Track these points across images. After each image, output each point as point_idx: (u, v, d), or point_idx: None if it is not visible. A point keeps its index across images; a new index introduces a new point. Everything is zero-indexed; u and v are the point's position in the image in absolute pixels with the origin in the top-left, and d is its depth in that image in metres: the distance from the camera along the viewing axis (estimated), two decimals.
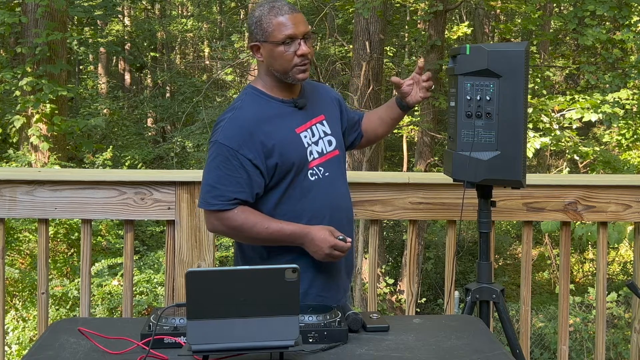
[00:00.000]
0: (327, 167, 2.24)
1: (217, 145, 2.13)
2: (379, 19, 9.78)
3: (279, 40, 2.13)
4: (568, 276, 2.97)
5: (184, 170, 10.74)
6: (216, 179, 2.12)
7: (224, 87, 16.53)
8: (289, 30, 2.13)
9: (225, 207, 2.12)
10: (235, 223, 2.13)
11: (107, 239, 8.53)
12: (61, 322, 1.96)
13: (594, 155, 9.78)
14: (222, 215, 2.13)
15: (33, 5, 9.47)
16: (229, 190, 2.11)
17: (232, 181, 2.11)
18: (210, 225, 2.19)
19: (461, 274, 11.33)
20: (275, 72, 2.18)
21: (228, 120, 2.16)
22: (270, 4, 2.16)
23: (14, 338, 6.30)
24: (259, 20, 2.15)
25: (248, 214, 2.13)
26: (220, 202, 2.12)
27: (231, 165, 2.11)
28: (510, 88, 2.33)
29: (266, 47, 2.15)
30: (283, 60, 2.15)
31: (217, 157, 2.12)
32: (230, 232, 2.19)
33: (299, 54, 2.14)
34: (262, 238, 2.15)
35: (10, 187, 2.77)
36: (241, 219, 2.12)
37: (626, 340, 7.00)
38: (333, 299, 2.27)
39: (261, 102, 2.20)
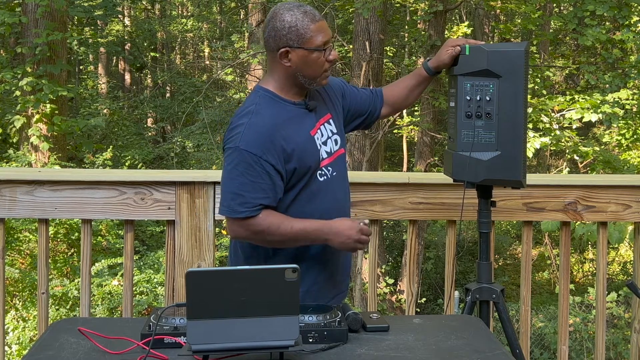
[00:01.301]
0: (334, 167, 2.26)
1: (238, 152, 2.09)
2: (379, 19, 9.78)
3: (317, 46, 2.12)
4: (568, 276, 2.97)
5: (184, 170, 10.74)
6: (240, 186, 2.09)
7: (224, 87, 16.53)
8: (326, 37, 2.13)
9: (252, 214, 2.09)
10: (260, 228, 2.11)
11: (107, 239, 8.53)
12: (61, 322, 1.96)
13: (594, 155, 9.78)
14: (248, 222, 2.10)
15: (33, 5, 9.48)
16: (253, 197, 2.08)
17: (257, 188, 2.08)
18: (234, 233, 2.17)
19: (461, 274, 11.33)
20: (303, 77, 2.16)
21: (247, 126, 2.11)
22: (301, 9, 2.13)
23: (14, 338, 6.30)
24: (293, 26, 2.10)
25: (272, 217, 2.11)
26: (246, 210, 2.09)
27: (255, 172, 2.08)
28: (510, 88, 2.33)
29: (299, 52, 2.12)
30: (316, 66, 2.14)
31: (240, 164, 2.09)
32: (254, 237, 2.15)
33: (330, 60, 2.15)
34: (288, 239, 2.13)
35: (10, 187, 2.77)
36: (267, 223, 2.10)
37: (626, 340, 7.00)
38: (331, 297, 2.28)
39: (276, 106, 2.17)
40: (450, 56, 2.38)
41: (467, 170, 2.36)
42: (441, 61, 2.42)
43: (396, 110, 2.59)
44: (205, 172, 3.04)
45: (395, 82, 2.63)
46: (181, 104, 15.76)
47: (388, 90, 2.54)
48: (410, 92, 2.51)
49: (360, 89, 2.52)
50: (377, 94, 2.50)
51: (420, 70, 2.49)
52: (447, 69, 2.45)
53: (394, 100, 2.51)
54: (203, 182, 2.79)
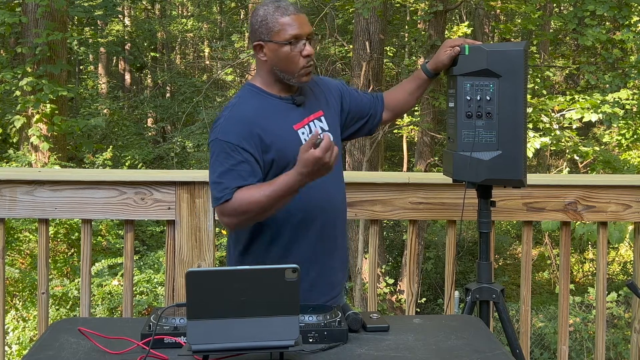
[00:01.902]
0: None
1: (217, 143, 2.13)
2: (379, 19, 9.78)
3: (284, 39, 2.13)
4: (568, 276, 2.97)
5: (184, 170, 10.75)
6: (220, 174, 2.11)
7: (224, 87, 16.54)
8: (295, 30, 2.13)
9: (228, 197, 2.08)
10: (240, 208, 2.09)
11: (107, 239, 8.53)
12: (61, 322, 1.96)
13: (594, 155, 9.78)
14: (228, 207, 2.09)
15: (33, 5, 9.47)
16: (231, 183, 2.09)
17: (235, 174, 2.10)
18: (225, 224, 2.15)
19: (461, 274, 11.33)
20: (279, 72, 2.18)
21: (226, 118, 2.16)
22: (275, 4, 2.15)
23: (14, 338, 6.30)
24: (264, 20, 2.14)
25: (244, 192, 2.09)
26: (223, 194, 2.10)
27: (233, 160, 2.10)
28: (510, 88, 2.33)
29: (270, 46, 2.15)
30: (289, 61, 2.15)
31: (220, 154, 2.12)
32: (244, 218, 2.12)
33: (304, 55, 2.15)
34: (267, 205, 2.08)
35: (10, 187, 2.77)
36: (239, 199, 2.08)
37: (626, 340, 7.00)
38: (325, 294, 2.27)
39: (259, 98, 2.20)
40: (449, 57, 2.38)
41: (468, 170, 2.36)
42: (440, 62, 2.41)
43: (397, 115, 2.59)
44: (205, 172, 3.04)
45: (395, 86, 2.62)
46: (181, 104, 15.76)
47: (388, 95, 2.53)
48: (410, 95, 2.51)
49: (361, 92, 2.52)
50: (377, 98, 2.50)
51: (419, 73, 2.49)
52: (446, 69, 2.45)
53: (394, 105, 2.51)
54: (203, 182, 2.79)
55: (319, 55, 12.49)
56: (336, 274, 2.35)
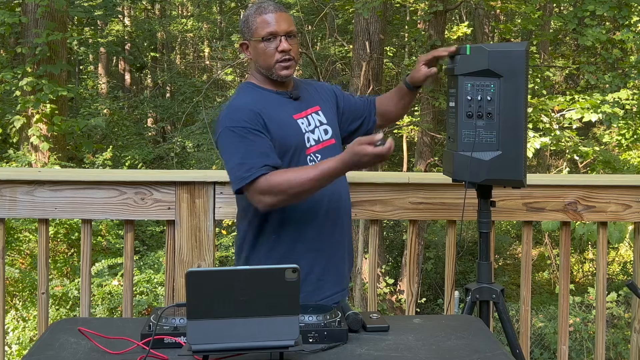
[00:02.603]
0: (324, 155, 2.28)
1: (228, 131, 2.19)
2: (379, 19, 9.78)
3: (261, 36, 2.24)
4: (568, 276, 2.97)
5: (184, 170, 10.74)
6: (241, 157, 2.16)
7: (224, 87, 16.53)
8: (271, 28, 2.24)
9: (260, 173, 2.12)
10: (275, 187, 2.12)
11: (107, 239, 8.53)
12: (61, 322, 1.96)
13: (594, 155, 9.78)
14: (261, 186, 2.12)
15: (33, 5, 9.47)
16: (256, 161, 2.14)
17: (256, 153, 2.15)
18: (261, 204, 2.16)
19: (461, 274, 11.33)
20: (260, 68, 2.29)
21: (229, 109, 2.24)
22: (258, 4, 2.28)
23: (14, 338, 6.30)
24: (246, 20, 2.28)
25: (282, 173, 2.15)
26: (253, 173, 2.13)
27: (248, 141, 2.16)
28: (511, 88, 2.33)
29: (252, 44, 2.28)
30: (265, 56, 2.25)
31: (234, 140, 2.17)
32: (280, 198, 2.14)
33: (279, 50, 2.24)
34: (309, 188, 2.13)
35: (10, 187, 2.77)
36: (277, 180, 2.12)
37: (626, 340, 7.00)
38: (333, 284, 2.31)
39: (256, 92, 2.29)
40: (424, 76, 2.42)
41: (469, 170, 2.36)
42: (416, 79, 2.45)
43: (388, 121, 2.62)
44: (205, 172, 3.05)
45: (385, 94, 2.65)
46: (181, 104, 15.76)
47: (379, 100, 2.58)
48: (395, 106, 2.55)
49: (354, 96, 2.58)
50: (370, 102, 2.55)
51: (401, 85, 2.53)
52: (447, 69, 2.46)
53: (383, 112, 2.55)
54: (203, 182, 2.79)
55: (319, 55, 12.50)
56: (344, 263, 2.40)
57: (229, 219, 5.74)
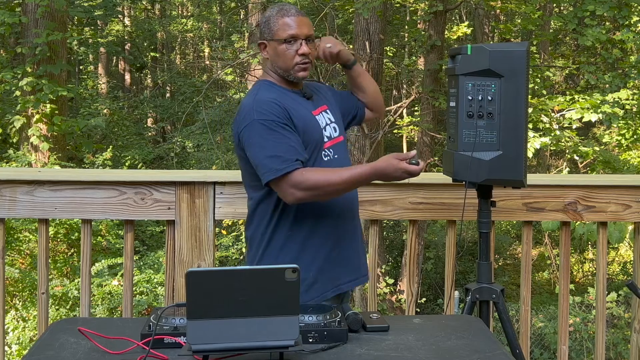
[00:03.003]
0: (336, 150, 2.37)
1: (256, 124, 2.20)
2: (379, 19, 9.77)
3: (282, 38, 2.29)
4: (568, 276, 2.97)
5: (184, 170, 10.74)
6: (272, 149, 2.19)
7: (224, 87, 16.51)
8: (292, 31, 2.29)
9: (293, 168, 2.16)
10: (310, 182, 2.17)
11: (107, 239, 8.53)
12: (61, 322, 1.96)
13: (594, 155, 9.77)
14: (294, 180, 2.17)
15: (33, 5, 9.47)
16: (288, 154, 2.18)
17: (286, 146, 2.19)
18: (291, 196, 2.20)
19: (461, 274, 11.33)
20: (278, 68, 2.34)
21: (255, 103, 2.25)
22: (280, 6, 2.33)
23: (14, 338, 6.30)
24: (268, 20, 2.33)
25: (315, 171, 2.21)
26: (286, 165, 2.17)
27: (278, 134, 2.20)
28: (511, 88, 2.33)
29: (271, 44, 2.32)
30: (285, 58, 2.30)
31: (263, 133, 2.20)
32: (311, 194, 2.20)
33: (299, 53, 2.30)
34: (340, 188, 2.22)
35: (10, 187, 2.78)
36: (313, 177, 2.18)
37: (626, 340, 7.00)
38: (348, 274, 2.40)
39: (275, 90, 2.33)
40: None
41: (469, 170, 2.36)
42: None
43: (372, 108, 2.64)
44: (205, 172, 3.05)
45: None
46: (181, 104, 15.75)
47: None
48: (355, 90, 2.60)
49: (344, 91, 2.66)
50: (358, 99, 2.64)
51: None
52: (448, 69, 2.46)
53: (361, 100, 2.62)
54: (203, 182, 2.79)
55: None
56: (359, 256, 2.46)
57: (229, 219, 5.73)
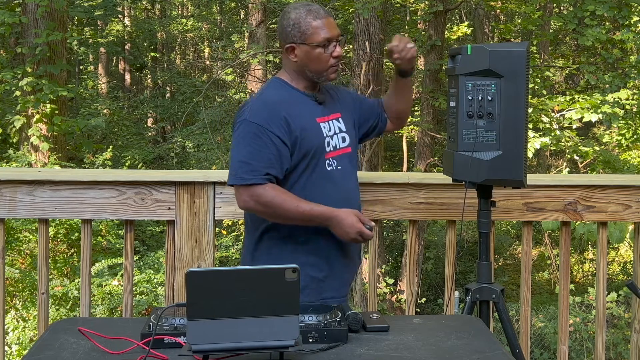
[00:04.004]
0: (340, 161, 2.33)
1: (245, 124, 2.21)
2: (379, 19, 9.77)
3: (318, 42, 2.24)
4: (568, 276, 2.97)
5: (184, 170, 10.75)
6: (248, 155, 2.19)
7: (224, 87, 16.51)
8: (327, 34, 2.25)
9: (259, 182, 2.17)
10: (266, 199, 2.18)
11: (107, 239, 8.53)
12: (61, 322, 1.96)
13: (594, 155, 9.78)
14: (255, 191, 2.18)
15: (33, 5, 9.47)
16: (261, 165, 2.18)
17: (264, 157, 2.18)
18: (242, 202, 2.23)
19: (461, 274, 11.32)
20: (309, 72, 2.29)
21: (254, 102, 2.27)
22: (307, 8, 2.26)
23: (14, 338, 6.30)
24: (297, 23, 2.25)
25: (278, 191, 2.20)
26: (253, 177, 2.18)
27: (261, 142, 2.18)
28: (511, 88, 2.33)
29: (303, 48, 2.26)
30: (320, 61, 2.26)
31: (247, 135, 2.20)
32: (261, 209, 2.22)
33: (334, 56, 2.27)
34: (291, 217, 2.21)
35: (10, 187, 2.77)
36: (271, 195, 2.18)
37: (626, 340, 7.00)
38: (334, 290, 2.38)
39: (285, 89, 2.30)
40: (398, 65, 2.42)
41: (469, 170, 2.36)
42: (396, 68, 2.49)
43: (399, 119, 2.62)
44: (205, 172, 3.05)
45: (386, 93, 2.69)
46: (181, 104, 15.75)
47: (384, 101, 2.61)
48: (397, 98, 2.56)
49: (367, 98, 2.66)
50: (380, 101, 2.60)
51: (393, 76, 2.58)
52: (448, 69, 2.46)
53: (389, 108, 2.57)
54: (203, 182, 2.79)
55: None
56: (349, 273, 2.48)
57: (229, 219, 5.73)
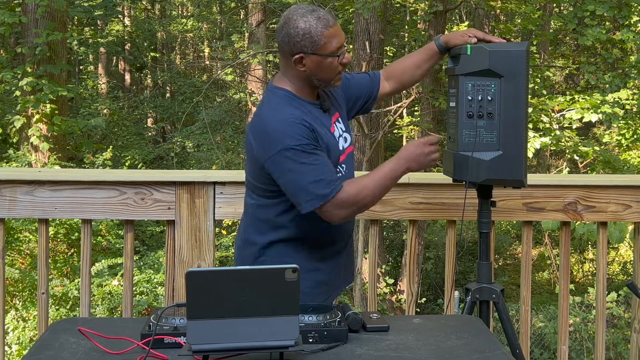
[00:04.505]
0: (347, 163, 2.31)
1: (288, 151, 2.08)
2: (379, 19, 9.77)
3: (331, 52, 2.15)
4: (568, 276, 2.97)
5: (184, 170, 10.75)
6: (313, 174, 2.10)
7: (224, 87, 16.52)
8: (339, 42, 2.16)
9: (338, 189, 2.11)
10: (353, 198, 2.14)
11: (107, 239, 8.53)
12: (61, 322, 1.96)
13: (594, 155, 9.77)
14: (340, 199, 2.11)
15: (33, 5, 9.47)
16: (329, 175, 2.12)
17: (325, 167, 2.12)
18: (337, 217, 2.16)
19: (461, 274, 11.32)
20: (317, 80, 2.19)
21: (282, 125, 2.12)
22: (314, 15, 2.13)
23: (14, 338, 6.30)
24: (307, 33, 2.12)
25: (352, 183, 2.17)
26: (332, 188, 2.11)
27: (312, 157, 2.10)
28: (511, 88, 2.33)
29: (313, 58, 2.15)
30: (330, 70, 2.18)
31: (297, 159, 2.09)
32: (355, 209, 2.18)
33: (343, 63, 2.19)
34: (380, 192, 2.20)
35: (10, 187, 2.77)
36: (353, 191, 2.14)
37: (626, 340, 7.00)
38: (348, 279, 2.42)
39: (295, 104, 2.19)
40: (463, 41, 2.39)
41: (469, 170, 2.36)
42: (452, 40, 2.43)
43: (402, 86, 2.60)
44: (205, 172, 3.05)
45: (403, 57, 2.64)
46: (181, 104, 15.76)
47: (394, 66, 2.56)
48: (418, 68, 2.53)
49: (358, 74, 2.52)
50: (375, 77, 2.52)
51: (431, 45, 2.50)
52: (447, 69, 2.45)
53: (399, 76, 2.53)
54: (203, 182, 2.79)
55: None
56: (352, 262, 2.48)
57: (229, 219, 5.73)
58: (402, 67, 2.55)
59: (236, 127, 14.84)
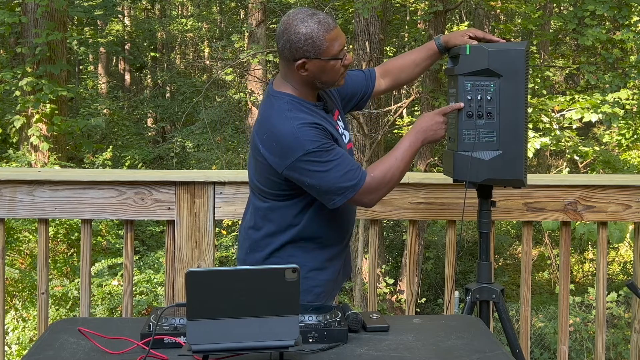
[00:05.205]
0: None
1: (310, 154, 2.09)
2: (379, 19, 9.76)
3: (333, 55, 2.14)
4: (568, 276, 2.97)
5: (184, 170, 10.75)
6: (340, 167, 2.13)
7: (224, 87, 16.52)
8: (340, 46, 2.16)
9: (365, 175, 2.17)
10: (381, 180, 2.19)
11: (107, 239, 8.53)
12: (61, 322, 1.96)
13: (594, 155, 9.77)
14: (369, 184, 2.17)
15: (33, 5, 9.47)
16: (352, 164, 2.16)
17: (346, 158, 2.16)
18: (370, 201, 2.22)
19: (461, 274, 11.33)
20: (320, 83, 2.19)
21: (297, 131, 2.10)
22: (315, 19, 2.11)
23: (14, 338, 6.30)
24: (309, 38, 2.10)
25: (378, 167, 2.22)
26: (360, 177, 2.15)
27: (334, 152, 2.13)
28: (511, 88, 2.33)
29: (316, 62, 2.13)
30: (333, 72, 2.17)
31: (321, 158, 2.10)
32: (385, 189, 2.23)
33: (345, 64, 2.19)
34: (404, 167, 2.25)
35: (10, 187, 2.77)
36: (379, 173, 2.19)
37: (626, 340, 7.00)
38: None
39: (303, 109, 2.18)
40: (463, 41, 2.41)
41: (469, 170, 2.36)
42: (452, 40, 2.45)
43: (398, 84, 2.61)
44: (205, 172, 3.05)
45: (401, 55, 2.64)
46: (181, 104, 15.77)
47: (392, 63, 2.57)
48: (417, 66, 2.54)
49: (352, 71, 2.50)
50: (370, 74, 2.52)
51: (430, 44, 2.52)
52: (447, 69, 2.45)
53: (398, 72, 2.54)
54: (203, 182, 2.79)
55: None
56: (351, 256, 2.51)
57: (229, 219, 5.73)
58: (400, 65, 2.55)
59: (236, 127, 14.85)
